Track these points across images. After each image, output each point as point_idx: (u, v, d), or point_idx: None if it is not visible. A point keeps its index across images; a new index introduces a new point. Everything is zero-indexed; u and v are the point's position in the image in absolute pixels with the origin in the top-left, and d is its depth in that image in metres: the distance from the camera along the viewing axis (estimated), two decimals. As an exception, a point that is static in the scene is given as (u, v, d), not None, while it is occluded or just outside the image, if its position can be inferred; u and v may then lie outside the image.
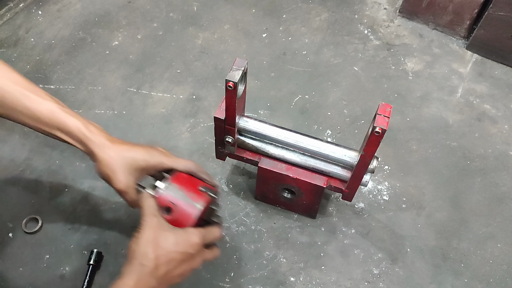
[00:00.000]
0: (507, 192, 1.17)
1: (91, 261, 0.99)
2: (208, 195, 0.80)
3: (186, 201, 0.78)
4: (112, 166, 0.78)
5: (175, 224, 0.76)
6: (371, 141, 0.81)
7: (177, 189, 0.79)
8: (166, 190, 0.79)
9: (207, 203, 0.80)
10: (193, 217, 0.77)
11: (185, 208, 0.77)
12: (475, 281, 1.03)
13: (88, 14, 1.47)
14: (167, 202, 0.78)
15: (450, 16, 1.44)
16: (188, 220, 0.77)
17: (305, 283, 1.01)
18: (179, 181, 0.80)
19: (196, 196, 0.79)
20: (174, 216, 0.77)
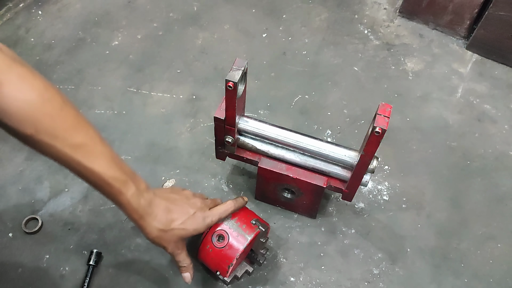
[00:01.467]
0: (507, 192, 1.17)
1: (91, 261, 0.99)
2: (258, 228, 0.90)
3: (238, 231, 0.88)
4: (161, 239, 0.81)
5: (225, 251, 0.87)
6: (371, 141, 0.81)
7: (231, 220, 0.90)
8: (222, 221, 0.89)
9: (256, 235, 0.89)
10: (241, 247, 0.87)
11: (236, 238, 0.88)
12: (475, 281, 1.03)
13: (88, 14, 1.47)
14: (221, 230, 0.88)
15: (450, 16, 1.44)
16: (237, 249, 0.87)
17: (305, 283, 1.01)
18: (235, 212, 0.91)
19: (247, 228, 0.89)
20: (224, 244, 0.87)
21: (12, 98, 0.62)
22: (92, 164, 0.70)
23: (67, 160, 0.69)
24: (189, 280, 0.88)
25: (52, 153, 0.68)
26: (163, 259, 1.02)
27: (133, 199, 0.75)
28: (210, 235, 0.89)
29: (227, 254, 0.88)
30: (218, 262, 0.89)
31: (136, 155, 1.18)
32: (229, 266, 0.87)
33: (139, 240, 1.05)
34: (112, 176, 0.72)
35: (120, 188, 0.73)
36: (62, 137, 0.67)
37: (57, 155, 0.69)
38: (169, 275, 1.01)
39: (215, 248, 0.88)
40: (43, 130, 0.65)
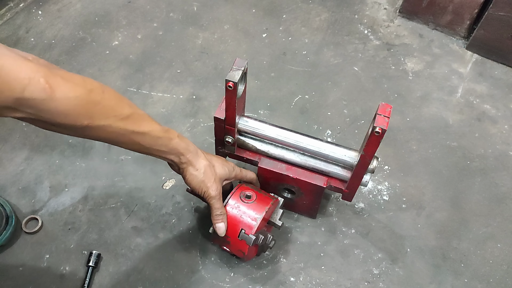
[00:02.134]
0: (507, 192, 1.17)
1: (91, 262, 0.99)
2: (275, 197, 0.96)
3: (262, 193, 0.95)
4: (207, 175, 0.89)
5: (253, 206, 0.92)
6: (371, 141, 0.81)
7: (255, 187, 0.97)
8: (247, 184, 0.97)
9: (276, 201, 0.96)
10: (269, 204, 0.92)
11: (261, 199, 0.93)
12: (475, 281, 1.03)
13: (88, 14, 1.47)
14: (249, 190, 0.94)
15: (450, 16, 1.44)
16: (264, 206, 0.92)
17: (305, 283, 1.01)
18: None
19: (269, 195, 0.96)
20: (252, 201, 0.92)
21: (64, 99, 0.66)
22: (142, 127, 0.79)
23: (121, 133, 0.76)
24: (223, 231, 0.91)
25: (108, 133, 0.74)
26: (163, 259, 1.03)
27: (180, 140, 0.86)
28: (238, 195, 0.93)
29: (257, 207, 0.91)
30: (244, 220, 0.91)
31: (136, 155, 1.17)
32: (255, 224, 0.90)
33: (139, 240, 1.05)
34: (159, 129, 0.82)
35: (169, 136, 0.84)
36: (113, 114, 0.74)
37: (113, 133, 0.75)
38: (169, 275, 1.01)
39: (244, 204, 0.92)
40: (96, 116, 0.71)
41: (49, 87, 0.63)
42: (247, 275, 1.01)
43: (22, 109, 0.63)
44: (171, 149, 0.85)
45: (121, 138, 0.77)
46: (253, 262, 1.03)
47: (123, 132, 0.76)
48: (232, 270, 1.02)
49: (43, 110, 0.64)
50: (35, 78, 0.62)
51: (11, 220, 1.02)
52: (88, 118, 0.70)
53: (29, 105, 0.63)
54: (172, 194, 1.11)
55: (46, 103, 0.64)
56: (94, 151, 1.17)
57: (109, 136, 0.75)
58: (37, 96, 0.62)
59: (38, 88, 0.62)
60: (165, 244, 1.04)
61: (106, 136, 0.75)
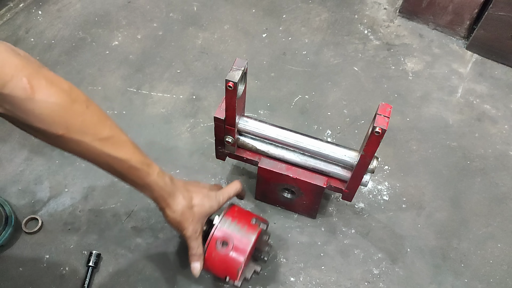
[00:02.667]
0: (507, 192, 1.17)
1: (90, 262, 0.99)
2: (259, 227, 0.90)
3: (240, 234, 0.88)
4: (185, 216, 0.84)
5: (231, 255, 0.86)
6: (371, 141, 0.81)
7: (231, 223, 0.89)
8: (222, 225, 0.88)
9: (258, 234, 0.89)
10: (247, 249, 0.86)
11: (240, 241, 0.87)
12: (475, 281, 1.03)
13: (88, 14, 1.47)
14: (224, 237, 0.87)
15: (450, 16, 1.44)
16: (242, 251, 0.86)
17: (305, 283, 1.01)
18: (233, 215, 0.90)
19: (249, 228, 0.89)
20: (230, 248, 0.87)
21: (44, 103, 0.64)
22: (120, 154, 0.74)
23: (96, 153, 0.72)
24: (197, 271, 0.88)
25: (82, 149, 0.71)
26: (163, 259, 1.02)
27: (159, 178, 0.80)
28: (214, 243, 0.87)
29: (234, 258, 0.86)
30: (226, 268, 0.87)
31: (136, 155, 1.17)
32: (239, 269, 0.87)
33: (139, 240, 1.05)
34: (139, 161, 0.77)
35: (147, 170, 0.78)
36: (91, 132, 0.71)
37: (87, 150, 0.71)
38: (169, 275, 1.01)
39: (221, 254, 0.87)
40: (73, 128, 0.68)
41: (30, 87, 0.62)
42: (247, 275, 1.01)
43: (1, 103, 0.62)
44: (146, 185, 0.80)
45: (96, 158, 0.73)
46: (253, 262, 1.03)
47: (98, 153, 0.72)
48: (232, 270, 1.02)
49: (20, 109, 0.63)
50: (18, 76, 0.62)
51: (11, 220, 1.02)
52: (64, 128, 0.67)
53: (7, 101, 0.62)
54: (172, 194, 1.11)
55: (24, 103, 0.63)
56: (94, 151, 1.17)
57: (83, 153, 0.72)
58: (16, 94, 0.61)
59: (19, 86, 0.62)
60: (165, 244, 1.04)
61: (80, 152, 0.72)
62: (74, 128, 0.68)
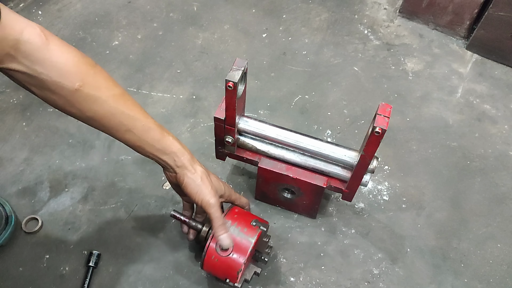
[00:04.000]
0: (507, 192, 1.17)
1: (91, 263, 0.99)
2: (259, 229, 0.89)
3: (240, 236, 0.87)
4: (205, 181, 0.84)
5: (231, 258, 0.86)
6: (371, 141, 0.81)
7: (231, 226, 0.88)
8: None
9: (258, 236, 0.88)
10: (247, 252, 0.86)
11: (239, 244, 0.86)
12: (475, 281, 1.03)
13: (88, 14, 1.47)
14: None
15: (450, 16, 1.44)
16: (242, 254, 0.86)
17: (305, 283, 1.01)
18: (233, 217, 0.89)
19: (249, 231, 0.88)
20: (229, 251, 0.86)
21: (59, 51, 0.66)
22: (134, 112, 0.76)
23: (111, 111, 0.73)
24: (228, 242, 0.84)
25: (98, 106, 0.72)
26: (163, 259, 1.02)
27: (176, 140, 0.83)
28: (214, 246, 0.86)
29: (234, 261, 0.86)
30: (226, 270, 0.87)
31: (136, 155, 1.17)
32: (238, 272, 0.86)
33: (139, 240, 1.05)
34: (152, 121, 0.80)
35: (161, 131, 0.81)
36: (105, 87, 0.72)
37: (102, 108, 0.73)
38: (169, 275, 1.01)
39: (221, 257, 0.86)
40: (88, 81, 0.69)
41: (44, 35, 0.65)
42: (247, 275, 1.01)
43: (20, 57, 0.64)
44: (165, 147, 0.81)
45: (111, 119, 0.74)
46: (253, 262, 1.03)
47: (113, 111, 0.74)
48: (232, 270, 1.02)
49: (37, 59, 0.65)
50: (31, 25, 0.65)
51: (11, 220, 1.02)
52: (79, 80, 0.68)
53: (25, 51, 0.64)
54: (172, 194, 1.11)
55: (41, 51, 0.65)
56: (94, 151, 1.17)
57: (98, 113, 0.73)
58: (33, 40, 0.64)
59: (34, 33, 0.65)
60: (165, 244, 1.04)
61: (95, 112, 0.72)
62: (89, 81, 0.70)
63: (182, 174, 0.84)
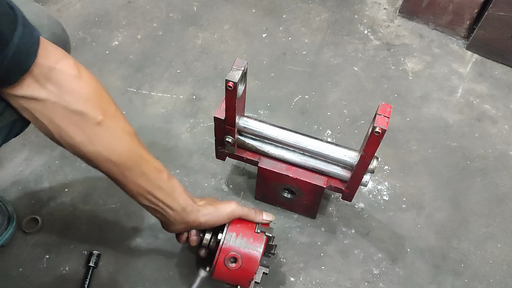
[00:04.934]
0: (507, 192, 1.17)
1: (91, 263, 0.99)
2: (265, 235, 0.88)
3: (248, 248, 0.86)
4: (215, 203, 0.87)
5: (242, 270, 0.86)
6: (371, 141, 0.81)
7: (237, 238, 0.87)
8: (228, 241, 0.86)
9: (265, 243, 0.88)
10: (257, 262, 0.86)
11: (249, 255, 0.86)
12: (475, 281, 1.03)
13: (88, 14, 1.47)
14: (232, 253, 0.85)
15: (450, 16, 1.44)
16: (253, 265, 0.86)
17: (305, 283, 1.01)
18: (236, 229, 0.88)
19: (255, 240, 0.87)
20: (239, 264, 0.85)
21: (89, 82, 0.68)
22: (146, 153, 0.76)
23: (129, 149, 0.73)
24: (271, 217, 0.90)
25: (117, 142, 0.72)
26: (163, 259, 1.02)
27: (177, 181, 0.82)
28: (222, 261, 0.85)
29: (245, 272, 0.86)
30: (238, 280, 0.87)
31: (136, 155, 1.17)
32: (250, 281, 0.87)
33: (139, 240, 1.05)
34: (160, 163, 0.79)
35: (169, 174, 0.80)
36: (123, 124, 0.73)
37: (121, 145, 0.72)
38: (169, 275, 1.01)
39: (231, 270, 0.86)
40: (110, 116, 0.69)
41: (77, 68, 0.66)
42: (247, 275, 1.01)
43: (50, 86, 0.63)
44: (172, 191, 0.78)
45: (128, 159, 0.72)
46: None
47: (131, 150, 0.72)
48: (232, 270, 1.02)
49: (67, 88, 0.65)
50: (67, 56, 0.66)
51: (13, 220, 1.02)
52: (102, 113, 0.68)
53: (57, 79, 0.63)
54: (172, 194, 1.11)
55: (73, 81, 0.65)
56: (94, 151, 1.17)
57: (117, 150, 0.71)
58: (67, 71, 0.64)
59: (70, 64, 0.65)
60: (165, 244, 1.04)
61: (114, 149, 0.70)
62: (111, 115, 0.69)
63: (195, 215, 0.82)
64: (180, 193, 0.80)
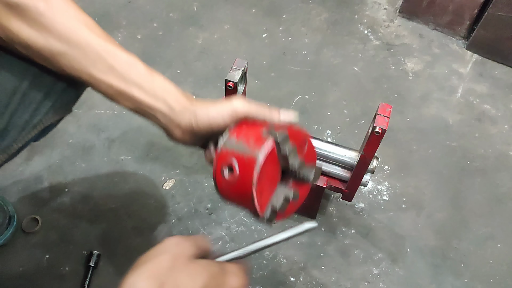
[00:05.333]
0: (507, 192, 1.17)
1: (91, 263, 0.99)
2: (273, 138, 0.63)
3: (244, 152, 0.63)
4: (214, 101, 0.68)
5: (239, 184, 0.63)
6: (371, 141, 0.81)
7: (237, 142, 0.65)
8: (225, 146, 0.65)
9: (271, 148, 0.62)
10: (253, 171, 0.61)
11: (244, 162, 0.63)
12: (475, 281, 1.03)
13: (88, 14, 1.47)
14: (227, 160, 0.64)
15: (450, 16, 1.44)
16: (249, 174, 0.62)
17: (305, 283, 1.01)
18: (239, 131, 0.66)
19: (255, 142, 0.63)
20: (236, 175, 0.63)
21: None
22: (114, 44, 0.68)
23: (87, 41, 0.66)
24: (290, 114, 0.68)
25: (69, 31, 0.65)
26: (163, 259, 1.02)
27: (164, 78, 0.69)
28: (219, 170, 0.65)
29: (243, 186, 0.63)
30: (241, 198, 0.65)
31: (136, 155, 1.18)
32: (252, 199, 0.63)
33: (139, 240, 1.05)
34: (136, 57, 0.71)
35: (150, 68, 0.69)
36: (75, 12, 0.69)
37: (76, 35, 0.66)
38: (169, 275, 1.01)
39: (230, 182, 0.64)
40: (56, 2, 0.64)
41: None
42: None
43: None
44: (156, 89, 0.65)
45: (88, 52, 0.64)
46: (253, 262, 1.03)
47: (89, 41, 0.65)
48: (232, 270, 1.02)
49: None
50: None
51: (13, 220, 1.03)
52: (44, 1, 0.61)
53: None
54: (172, 194, 1.11)
55: None
56: (94, 151, 1.17)
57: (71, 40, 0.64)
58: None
59: None
60: (165, 244, 1.04)
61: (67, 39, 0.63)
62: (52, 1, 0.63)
63: (188, 117, 0.65)
64: (166, 90, 0.65)
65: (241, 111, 0.66)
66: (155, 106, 0.65)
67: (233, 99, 0.67)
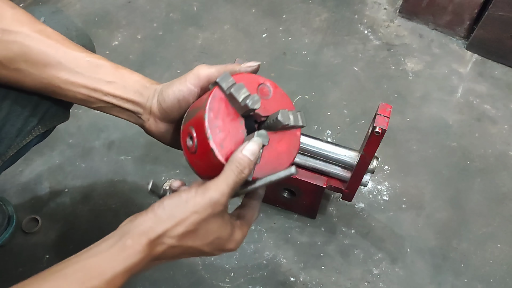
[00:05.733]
0: (507, 192, 1.17)
1: (91, 261, 0.99)
2: (217, 86, 0.57)
3: (197, 114, 0.58)
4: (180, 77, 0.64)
5: (200, 146, 0.59)
6: (371, 141, 0.81)
7: (192, 109, 0.62)
8: (185, 119, 0.63)
9: (218, 96, 0.57)
10: (205, 124, 0.56)
11: (198, 122, 0.58)
12: (475, 281, 1.03)
13: (87, 14, 1.47)
14: (187, 131, 0.61)
15: (450, 16, 1.44)
16: (204, 131, 0.57)
17: (305, 283, 1.01)
18: (196, 101, 0.63)
19: (204, 100, 0.58)
20: (195, 139, 0.60)
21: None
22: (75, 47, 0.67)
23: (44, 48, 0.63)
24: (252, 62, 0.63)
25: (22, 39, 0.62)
26: (163, 259, 1.02)
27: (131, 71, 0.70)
28: (185, 141, 0.62)
29: (203, 146, 0.58)
30: (208, 160, 0.60)
31: (136, 155, 1.18)
32: (214, 154, 0.57)
33: (139, 240, 1.05)
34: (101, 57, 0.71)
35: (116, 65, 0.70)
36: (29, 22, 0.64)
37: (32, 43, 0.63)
38: (169, 275, 1.01)
39: (194, 151, 0.61)
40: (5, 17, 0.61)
41: None
42: (247, 275, 1.01)
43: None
44: (125, 84, 0.64)
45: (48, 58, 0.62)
46: (253, 262, 1.03)
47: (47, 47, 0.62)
48: (232, 270, 1.02)
49: None
50: None
51: (13, 220, 1.03)
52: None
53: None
54: (172, 194, 1.11)
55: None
56: (94, 151, 1.17)
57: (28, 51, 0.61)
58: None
59: None
60: (165, 244, 1.04)
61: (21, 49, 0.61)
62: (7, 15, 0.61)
63: (158, 95, 0.64)
64: (134, 80, 0.66)
65: (203, 74, 0.61)
66: (126, 97, 0.65)
67: (195, 67, 0.62)
